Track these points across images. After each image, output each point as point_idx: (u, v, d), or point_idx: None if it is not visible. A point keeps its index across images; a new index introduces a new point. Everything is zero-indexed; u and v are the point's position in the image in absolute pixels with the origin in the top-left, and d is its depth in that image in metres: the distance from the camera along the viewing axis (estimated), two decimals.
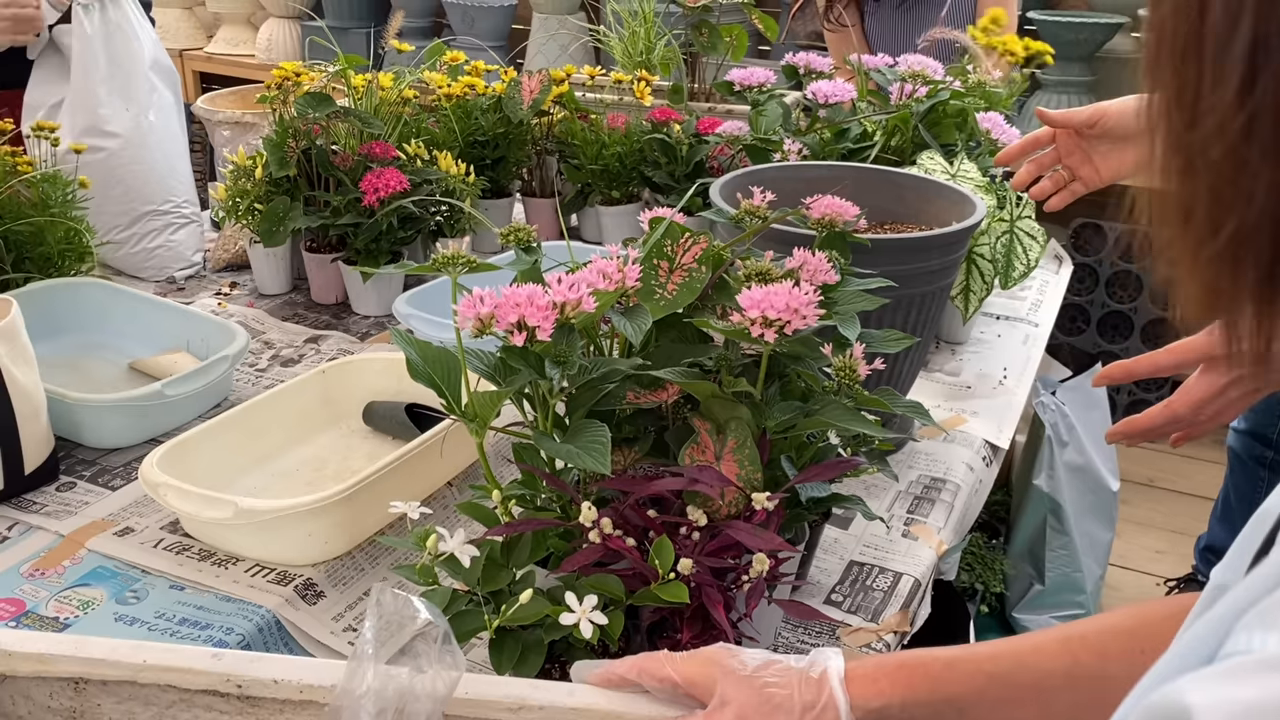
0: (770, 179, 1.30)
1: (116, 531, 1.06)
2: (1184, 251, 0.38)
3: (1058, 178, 1.37)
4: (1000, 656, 0.61)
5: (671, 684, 0.62)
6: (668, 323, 0.91)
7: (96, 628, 0.93)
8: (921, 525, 1.16)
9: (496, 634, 0.78)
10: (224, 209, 1.57)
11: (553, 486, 0.86)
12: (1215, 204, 0.36)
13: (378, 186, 1.47)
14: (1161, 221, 0.39)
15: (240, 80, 3.53)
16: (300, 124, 1.53)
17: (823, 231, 1.02)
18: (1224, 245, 0.36)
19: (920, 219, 1.31)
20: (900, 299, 1.13)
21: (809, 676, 0.61)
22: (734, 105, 1.86)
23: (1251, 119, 0.34)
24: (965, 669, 0.61)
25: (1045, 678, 0.59)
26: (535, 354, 0.79)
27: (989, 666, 0.60)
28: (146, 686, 0.63)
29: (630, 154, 1.74)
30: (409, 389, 1.18)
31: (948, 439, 1.34)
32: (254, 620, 0.93)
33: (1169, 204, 0.38)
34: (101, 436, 1.21)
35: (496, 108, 1.77)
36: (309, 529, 0.98)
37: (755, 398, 0.86)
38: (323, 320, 1.58)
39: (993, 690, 0.60)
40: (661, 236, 0.91)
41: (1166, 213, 0.38)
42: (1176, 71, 0.36)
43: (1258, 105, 0.34)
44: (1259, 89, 0.34)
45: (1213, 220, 0.36)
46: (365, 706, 0.55)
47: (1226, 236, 0.36)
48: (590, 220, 1.85)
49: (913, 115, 1.54)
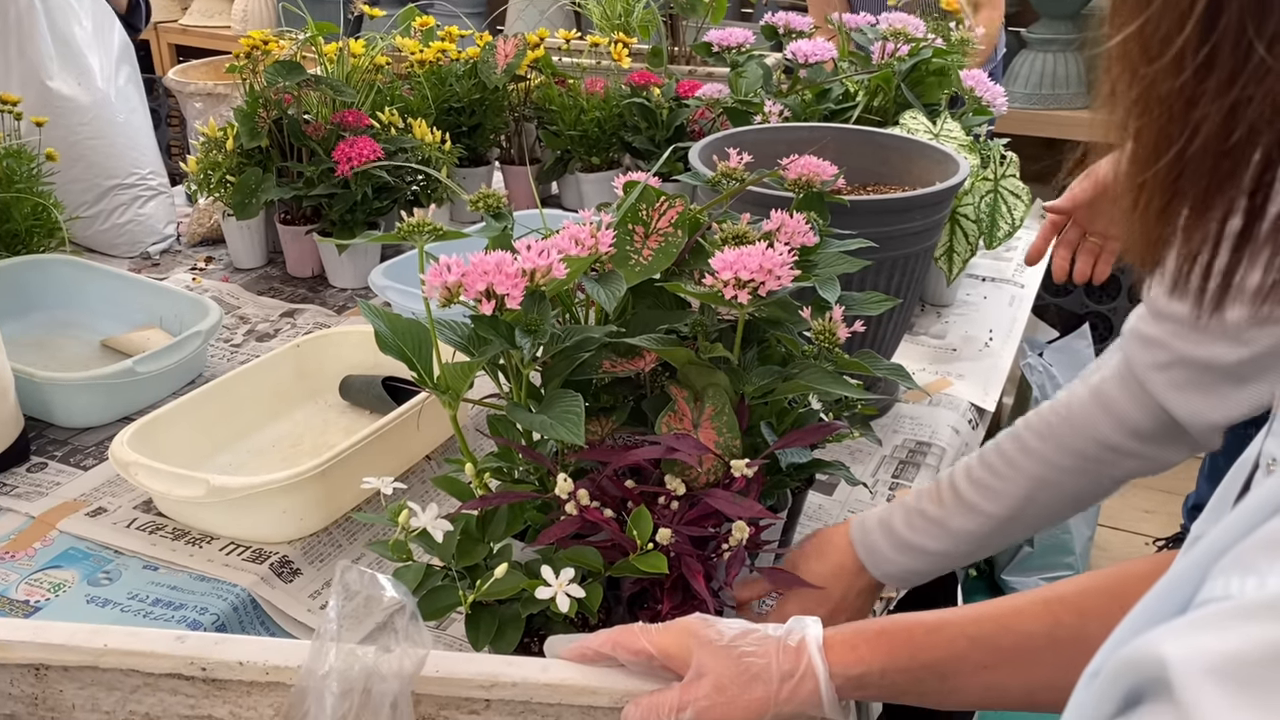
0: (751, 141, 1.27)
1: (88, 512, 1.04)
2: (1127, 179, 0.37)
3: (1091, 247, 1.30)
4: (981, 620, 0.60)
5: (647, 656, 0.61)
6: (644, 289, 0.89)
7: (68, 610, 0.91)
8: (906, 490, 1.15)
9: (473, 609, 0.77)
10: (195, 182, 1.54)
11: (528, 459, 0.84)
12: (1161, 134, 0.36)
13: (351, 156, 1.44)
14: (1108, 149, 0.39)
15: (216, 52, 3.47)
16: (271, 93, 1.50)
17: (800, 192, 1.00)
18: (1163, 172, 0.36)
19: (904, 179, 1.29)
20: (883, 261, 1.11)
21: (787, 645, 0.59)
22: (714, 68, 1.83)
23: (1211, 54, 0.34)
24: (946, 634, 0.59)
25: (1027, 640, 0.58)
26: (505, 323, 0.77)
27: (970, 630, 0.59)
28: (109, 671, 0.61)
29: (609, 119, 1.71)
30: (386, 362, 1.15)
31: (932, 402, 1.32)
32: (229, 600, 0.92)
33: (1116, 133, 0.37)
34: (72, 416, 1.18)
35: (471, 73, 1.74)
36: (283, 506, 0.97)
37: (733, 363, 0.85)
38: (299, 294, 1.55)
39: (974, 655, 0.59)
40: (636, 200, 0.89)
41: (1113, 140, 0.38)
42: (1139, 5, 0.35)
43: (1219, 39, 0.33)
44: (1221, 23, 0.33)
45: (1156, 149, 0.36)
46: (329, 687, 0.54)
47: (1167, 163, 0.36)
48: (571, 188, 1.82)
49: (895, 74, 1.51)
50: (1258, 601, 0.30)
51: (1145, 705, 0.31)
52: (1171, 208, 0.36)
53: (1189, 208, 0.35)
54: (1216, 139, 0.34)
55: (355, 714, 0.54)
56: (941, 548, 0.87)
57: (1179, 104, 0.34)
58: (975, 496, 0.86)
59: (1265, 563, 0.31)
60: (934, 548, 0.87)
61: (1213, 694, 0.28)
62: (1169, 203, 0.36)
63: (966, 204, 1.37)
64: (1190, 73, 0.34)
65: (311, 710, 0.54)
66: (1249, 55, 0.33)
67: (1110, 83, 0.37)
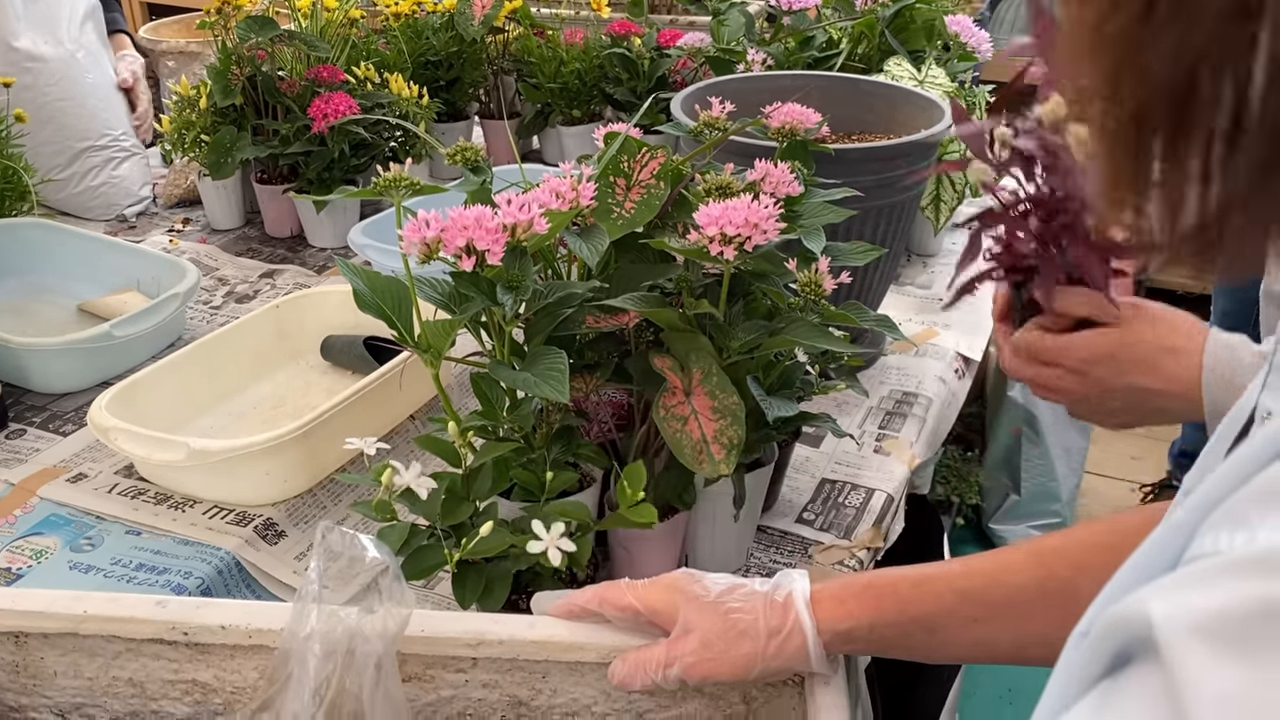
0: (734, 90, 1.25)
1: (69, 478, 1.03)
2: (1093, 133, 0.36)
3: None
4: (971, 574, 0.59)
5: (633, 612, 0.60)
6: (626, 243, 0.88)
7: (51, 577, 0.90)
8: (893, 440, 1.15)
9: (459, 568, 0.76)
10: (170, 142, 1.52)
11: None
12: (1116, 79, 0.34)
13: (326, 112, 1.42)
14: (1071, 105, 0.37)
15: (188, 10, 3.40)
16: (244, 50, 1.47)
17: (783, 141, 0.98)
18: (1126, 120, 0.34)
19: (889, 128, 1.27)
20: (869, 210, 1.10)
21: (774, 600, 0.59)
22: (695, 16, 1.81)
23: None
24: (934, 588, 0.59)
25: (1017, 593, 0.58)
26: (486, 279, 0.75)
27: (959, 584, 0.59)
28: (90, 638, 0.60)
29: (590, 71, 1.69)
30: (367, 322, 1.14)
31: (919, 353, 1.32)
32: (213, 563, 0.91)
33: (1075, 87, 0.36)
34: (50, 381, 1.17)
35: (448, 26, 1.70)
36: (266, 468, 0.96)
37: (718, 319, 0.84)
38: (278, 254, 1.53)
39: (963, 608, 0.58)
40: (617, 152, 0.87)
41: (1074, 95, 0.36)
42: None
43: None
44: None
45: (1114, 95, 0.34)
46: (312, 649, 0.53)
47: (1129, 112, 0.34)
48: (552, 141, 1.80)
49: (879, 21, 1.49)
50: (1247, 556, 0.29)
51: (1132, 666, 0.30)
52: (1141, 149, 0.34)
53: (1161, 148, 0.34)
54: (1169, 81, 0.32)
55: (339, 675, 0.54)
56: None
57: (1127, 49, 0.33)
58: None
59: (1256, 515, 0.30)
60: None
61: (1199, 652, 0.27)
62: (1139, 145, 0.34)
63: (953, 151, 1.35)
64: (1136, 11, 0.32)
65: (295, 672, 0.53)
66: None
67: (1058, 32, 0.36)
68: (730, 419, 0.78)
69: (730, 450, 0.77)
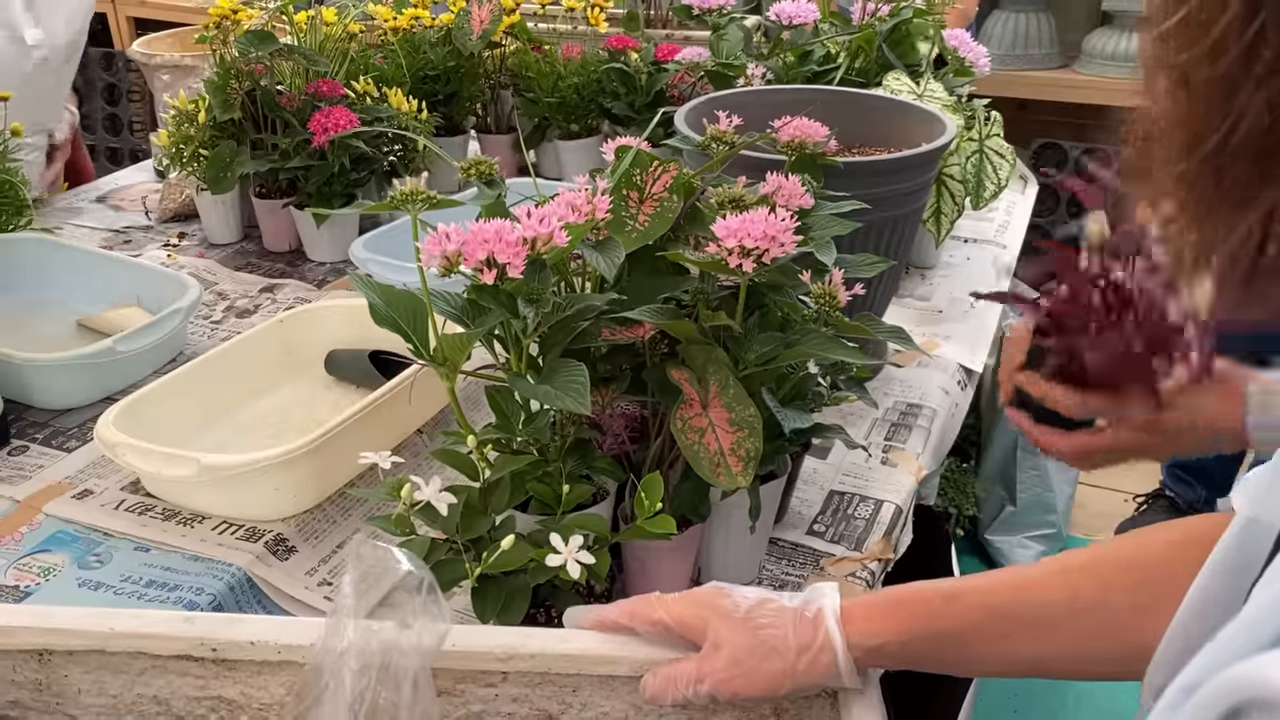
0: (736, 104, 1.25)
1: (75, 494, 1.02)
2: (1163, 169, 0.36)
3: None
4: (999, 589, 0.59)
5: (663, 627, 0.60)
6: (640, 255, 0.88)
7: (59, 594, 0.89)
8: (900, 452, 1.15)
9: (479, 582, 0.76)
10: (167, 156, 1.51)
11: None
12: (1201, 124, 0.33)
13: (327, 126, 1.41)
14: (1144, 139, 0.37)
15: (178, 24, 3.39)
16: (243, 64, 1.46)
17: (793, 155, 0.99)
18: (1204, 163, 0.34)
19: (889, 141, 1.28)
20: (873, 223, 1.11)
21: (804, 616, 0.59)
22: (691, 31, 1.81)
23: (1256, 36, 0.31)
24: (963, 603, 0.59)
25: (1045, 608, 0.58)
26: (507, 292, 0.75)
27: (988, 600, 0.59)
28: (116, 655, 0.60)
29: (587, 85, 1.69)
30: (372, 336, 1.14)
31: (921, 364, 1.32)
32: (224, 579, 0.90)
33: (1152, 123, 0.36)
34: (52, 397, 1.16)
35: (446, 40, 1.71)
36: (276, 483, 0.95)
37: (734, 331, 0.84)
38: (277, 268, 1.52)
39: (992, 624, 0.58)
40: (630, 165, 0.88)
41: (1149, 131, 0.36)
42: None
43: (1266, 21, 0.31)
44: (1267, 5, 0.31)
45: (1193, 140, 0.34)
46: (347, 663, 0.53)
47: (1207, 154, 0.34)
48: (549, 156, 1.80)
49: (877, 35, 1.50)
50: None
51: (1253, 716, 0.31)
52: (1212, 201, 0.34)
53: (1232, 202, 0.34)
54: (1258, 129, 0.32)
55: (374, 690, 0.53)
56: None
57: (1219, 93, 0.32)
58: None
59: None
60: None
61: None
62: (1209, 195, 0.34)
63: (953, 165, 1.36)
64: (1232, 58, 0.32)
65: (330, 687, 0.53)
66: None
67: (1148, 71, 0.36)
68: (748, 431, 0.78)
69: (748, 462, 0.77)
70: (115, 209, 1.77)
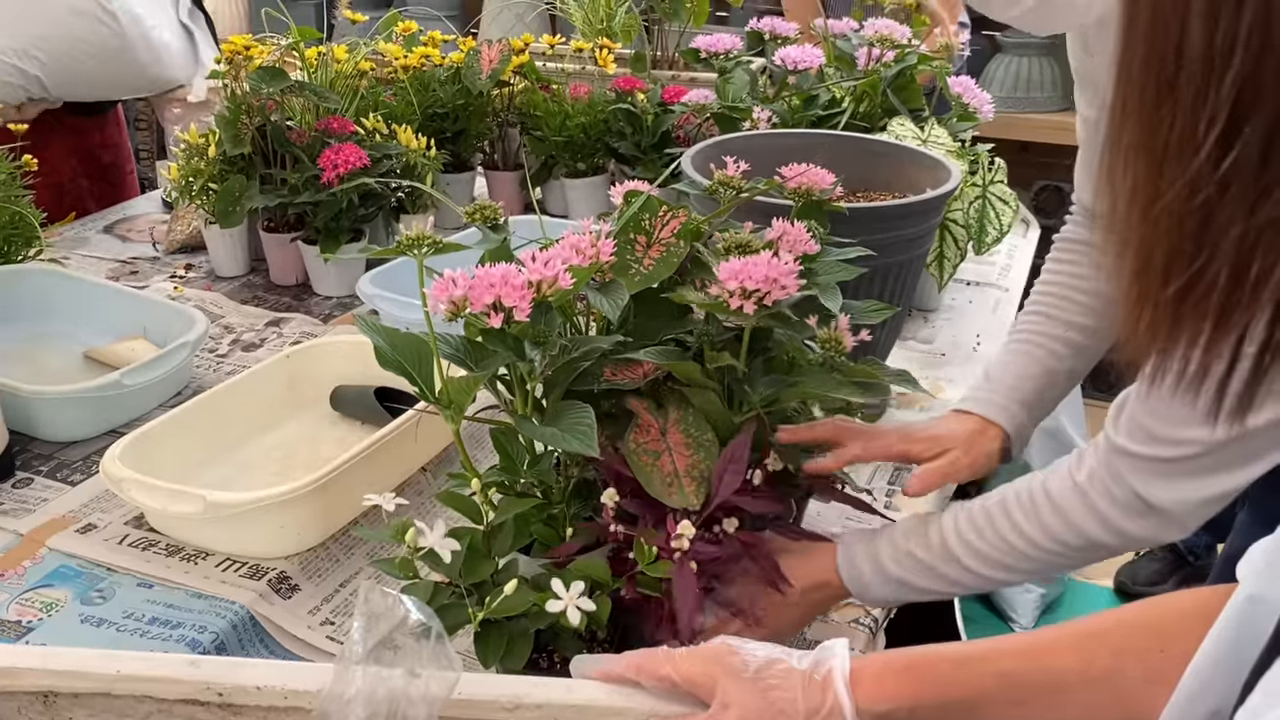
0: (741, 148, 1.27)
1: (78, 529, 1.02)
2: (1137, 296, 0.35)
3: None
4: (1013, 655, 0.59)
5: (671, 683, 0.60)
6: (644, 297, 0.88)
7: (62, 630, 0.89)
8: (902, 496, 1.15)
9: (481, 626, 0.76)
10: (177, 189, 1.52)
11: None
12: (1174, 254, 0.33)
13: (337, 163, 1.43)
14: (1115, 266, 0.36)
15: None
16: (254, 100, 1.48)
17: (799, 201, 1.00)
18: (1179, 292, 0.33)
19: (893, 186, 1.29)
20: (877, 268, 1.11)
21: (813, 679, 0.59)
22: (697, 73, 1.83)
23: (1231, 170, 0.31)
24: (975, 669, 0.59)
25: (1059, 676, 0.58)
26: (513, 336, 0.76)
27: (1001, 666, 0.59)
28: (121, 698, 0.60)
29: (594, 125, 1.71)
30: (377, 372, 1.13)
31: (923, 408, 1.32)
32: (227, 617, 0.90)
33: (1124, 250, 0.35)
34: (58, 430, 1.16)
35: (455, 79, 1.73)
36: (281, 521, 0.95)
37: (738, 372, 0.84)
38: (283, 302, 1.53)
39: (1005, 692, 0.58)
40: (639, 210, 0.89)
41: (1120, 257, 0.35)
42: (1148, 119, 0.33)
43: (1240, 156, 0.30)
44: (1243, 138, 0.30)
45: (1168, 268, 0.33)
46: (354, 711, 0.53)
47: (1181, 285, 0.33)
48: (555, 193, 1.81)
49: (881, 80, 1.51)
50: None
51: None
52: (1179, 329, 0.34)
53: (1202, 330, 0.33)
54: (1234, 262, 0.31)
55: None
56: (931, 586, 0.86)
57: (1192, 223, 0.32)
58: (962, 552, 0.85)
59: None
60: (923, 585, 0.86)
61: None
62: (1176, 324, 0.34)
63: (956, 210, 1.37)
64: (1209, 190, 0.31)
65: None
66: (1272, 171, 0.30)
67: (1113, 195, 0.35)
68: (704, 454, 0.79)
69: (700, 483, 0.78)
70: (122, 239, 1.78)
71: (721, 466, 0.79)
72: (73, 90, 1.80)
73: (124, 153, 2.01)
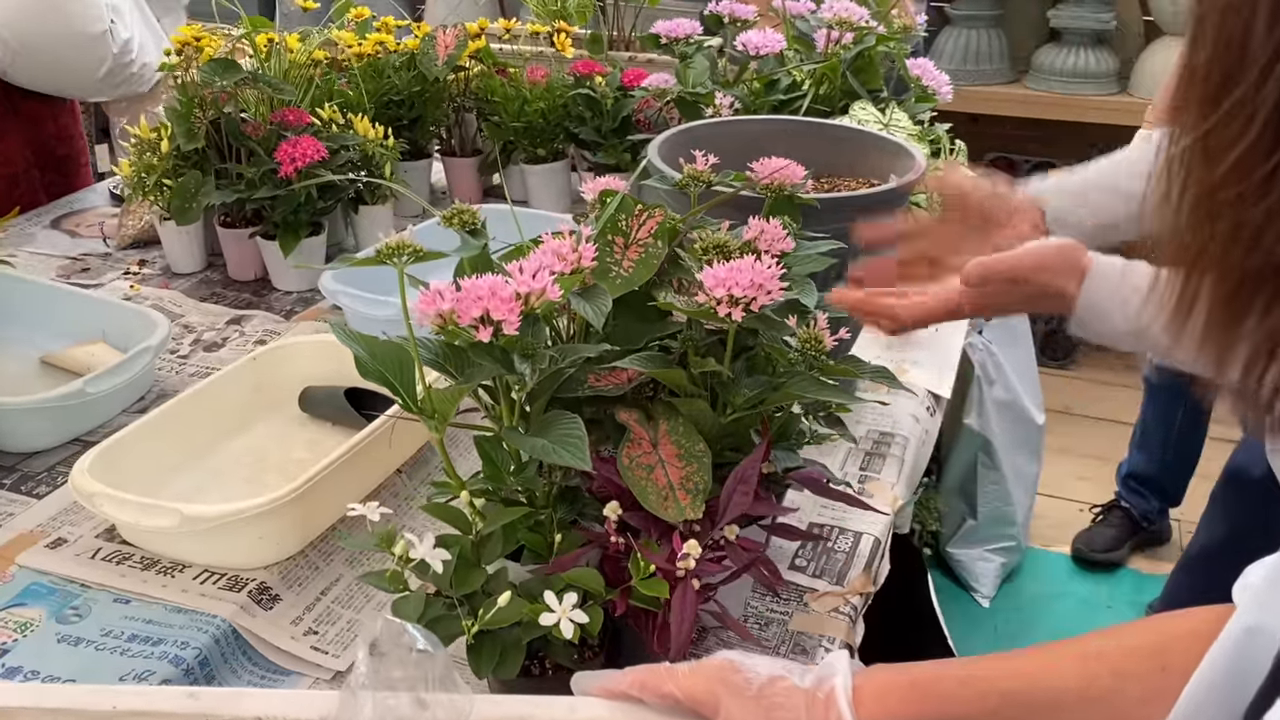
0: (706, 135, 1.27)
1: (48, 543, 1.00)
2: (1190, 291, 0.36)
3: None
4: (1014, 674, 0.60)
5: (674, 701, 0.61)
6: (626, 299, 0.88)
7: (38, 651, 0.88)
8: (875, 482, 1.17)
9: (475, 637, 0.76)
10: (130, 185, 1.48)
11: None
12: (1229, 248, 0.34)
13: (294, 156, 1.40)
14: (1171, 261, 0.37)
15: None
16: (206, 93, 1.44)
17: (772, 196, 1.00)
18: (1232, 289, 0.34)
19: (856, 171, 1.30)
20: (846, 256, 1.12)
21: (815, 697, 0.59)
22: (655, 55, 1.82)
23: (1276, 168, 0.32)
24: (978, 687, 0.60)
25: (1061, 695, 0.59)
26: (501, 349, 0.75)
27: (1003, 685, 0.60)
28: None
29: (553, 110, 1.69)
30: (346, 372, 1.13)
31: (891, 391, 1.34)
32: (209, 631, 0.89)
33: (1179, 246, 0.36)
34: (18, 441, 1.13)
35: (410, 65, 1.70)
36: (260, 532, 0.94)
37: (724, 376, 0.85)
38: (243, 299, 1.51)
39: (1006, 710, 0.59)
40: (615, 211, 0.88)
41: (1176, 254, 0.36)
42: (1205, 113, 0.34)
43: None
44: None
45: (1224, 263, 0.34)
46: None
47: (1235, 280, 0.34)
48: (515, 179, 1.80)
49: (841, 63, 1.52)
50: None
51: None
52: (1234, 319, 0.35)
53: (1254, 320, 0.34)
54: None
55: None
56: None
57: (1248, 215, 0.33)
58: None
59: None
60: None
61: None
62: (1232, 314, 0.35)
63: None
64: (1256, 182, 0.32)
65: None
66: None
67: (1169, 186, 0.36)
68: (697, 466, 0.79)
69: (696, 495, 0.78)
70: (71, 235, 1.73)
71: (731, 486, 0.79)
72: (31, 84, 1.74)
73: (79, 144, 1.95)
